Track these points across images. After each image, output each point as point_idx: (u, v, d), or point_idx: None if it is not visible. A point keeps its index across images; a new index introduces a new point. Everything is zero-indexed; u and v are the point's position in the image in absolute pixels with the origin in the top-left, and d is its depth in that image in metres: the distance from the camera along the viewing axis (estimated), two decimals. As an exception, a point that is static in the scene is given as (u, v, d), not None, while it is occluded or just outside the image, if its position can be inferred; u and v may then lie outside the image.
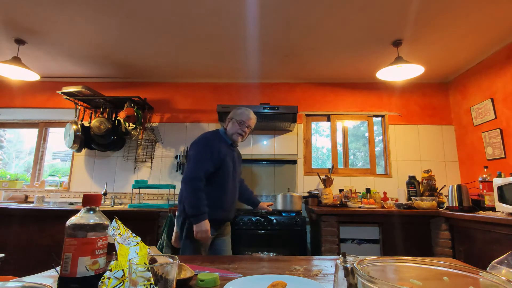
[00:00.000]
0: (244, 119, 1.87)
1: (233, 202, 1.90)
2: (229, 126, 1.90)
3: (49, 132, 3.72)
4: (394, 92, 3.50)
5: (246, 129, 1.87)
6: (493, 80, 2.79)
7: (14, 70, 2.72)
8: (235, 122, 1.88)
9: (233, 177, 1.86)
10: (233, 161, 1.88)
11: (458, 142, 3.33)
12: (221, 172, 1.79)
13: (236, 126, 1.87)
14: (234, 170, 1.87)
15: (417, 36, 2.54)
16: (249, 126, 1.88)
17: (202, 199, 1.71)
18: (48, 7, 2.23)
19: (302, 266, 0.82)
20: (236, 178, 1.93)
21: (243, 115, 1.89)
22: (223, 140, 1.88)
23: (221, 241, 1.92)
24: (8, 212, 2.65)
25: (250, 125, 1.88)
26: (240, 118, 1.88)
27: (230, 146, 1.91)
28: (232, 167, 1.85)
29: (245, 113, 1.90)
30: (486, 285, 0.39)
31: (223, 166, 1.79)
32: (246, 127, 1.86)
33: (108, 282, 0.53)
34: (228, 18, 2.33)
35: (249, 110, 1.94)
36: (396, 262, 0.47)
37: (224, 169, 1.80)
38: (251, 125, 1.89)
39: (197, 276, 0.68)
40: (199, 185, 1.72)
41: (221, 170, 1.79)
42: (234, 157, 1.91)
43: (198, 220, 1.67)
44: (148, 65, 3.26)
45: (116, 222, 0.61)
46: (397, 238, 2.50)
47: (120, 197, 3.37)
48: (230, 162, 1.85)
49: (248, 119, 1.88)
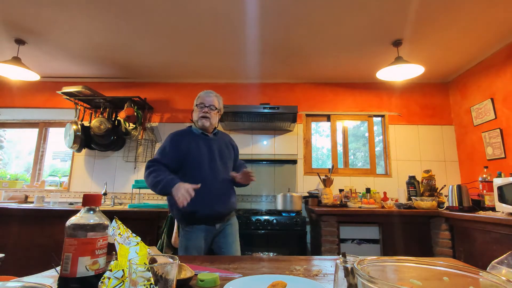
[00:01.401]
0: (197, 102, 1.81)
1: (217, 194, 1.70)
2: (193, 117, 1.84)
3: (49, 132, 3.72)
4: (394, 92, 3.50)
5: (205, 109, 1.75)
6: (493, 80, 2.79)
7: (14, 70, 2.72)
8: (194, 109, 1.82)
9: (210, 166, 1.71)
10: (209, 150, 1.76)
11: (458, 142, 3.33)
12: (189, 164, 1.69)
13: (196, 111, 1.80)
14: (211, 159, 1.74)
15: (417, 36, 2.54)
16: (202, 104, 1.76)
17: (157, 172, 1.60)
18: (48, 7, 2.23)
19: (302, 266, 0.82)
20: (218, 168, 1.75)
21: (196, 99, 1.84)
22: (189, 133, 1.80)
23: (221, 242, 1.76)
24: (8, 212, 2.65)
25: (203, 102, 1.76)
26: (195, 103, 1.83)
27: (203, 136, 1.80)
28: (207, 156, 1.73)
29: (198, 96, 1.84)
30: (486, 285, 0.39)
31: (188, 157, 1.70)
32: (201, 107, 1.76)
33: (108, 282, 0.53)
34: (228, 18, 2.33)
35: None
36: (396, 262, 0.47)
37: (191, 159, 1.70)
38: (204, 102, 1.76)
39: (197, 276, 0.68)
40: (149, 166, 1.65)
41: (188, 161, 1.70)
42: (211, 145, 1.78)
43: (168, 187, 1.53)
44: (148, 65, 3.26)
45: (116, 222, 0.61)
46: (397, 238, 2.50)
47: (120, 197, 3.37)
48: (203, 151, 1.73)
49: (198, 99, 1.81)
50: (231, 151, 1.91)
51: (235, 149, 1.98)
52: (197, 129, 1.82)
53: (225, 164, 1.82)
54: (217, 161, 1.76)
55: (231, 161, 1.89)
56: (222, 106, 1.90)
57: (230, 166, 1.86)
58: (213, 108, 1.79)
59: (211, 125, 1.79)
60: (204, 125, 1.76)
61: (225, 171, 1.80)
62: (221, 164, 1.77)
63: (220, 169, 1.76)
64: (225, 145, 1.87)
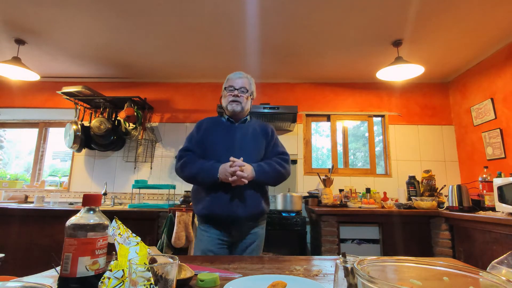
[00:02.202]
0: (225, 85, 1.63)
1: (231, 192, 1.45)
2: (222, 102, 1.66)
3: (49, 132, 3.72)
4: (394, 92, 3.50)
5: (236, 92, 1.56)
6: (493, 80, 2.79)
7: (14, 70, 2.72)
8: (223, 94, 1.64)
9: (227, 157, 1.45)
10: (230, 139, 1.54)
11: (458, 142, 3.33)
12: (207, 153, 1.53)
13: (224, 96, 1.62)
14: (228, 148, 1.50)
15: (417, 36, 2.54)
16: (231, 87, 1.58)
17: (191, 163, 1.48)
18: (48, 7, 2.23)
19: (302, 266, 0.82)
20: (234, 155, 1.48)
21: (225, 82, 1.66)
22: (215, 120, 1.65)
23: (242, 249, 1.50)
24: (8, 212, 2.65)
25: (232, 85, 1.58)
26: (223, 87, 1.66)
27: (228, 123, 1.62)
28: (223, 145, 1.52)
29: (227, 78, 1.67)
30: (486, 285, 0.39)
31: (204, 145, 1.54)
32: (230, 90, 1.58)
33: (108, 282, 0.53)
34: (228, 18, 2.33)
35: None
36: (396, 262, 0.47)
37: (208, 147, 1.53)
38: (234, 85, 1.58)
39: (197, 276, 0.68)
40: (180, 157, 1.53)
41: (205, 150, 1.54)
42: (234, 134, 1.56)
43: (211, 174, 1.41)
44: (148, 65, 3.26)
45: (116, 222, 0.61)
46: (397, 238, 2.50)
47: (120, 197, 3.37)
48: (219, 139, 1.54)
49: (227, 81, 1.63)
50: (259, 141, 1.61)
51: (270, 137, 1.65)
52: (224, 116, 1.65)
53: (249, 155, 1.52)
54: (235, 151, 1.50)
55: (258, 152, 1.59)
56: (254, 89, 1.69)
57: (254, 158, 1.55)
58: (244, 91, 1.58)
59: (242, 111, 1.58)
60: (235, 110, 1.56)
61: (250, 159, 1.51)
62: (241, 155, 1.48)
63: (246, 157, 1.49)
64: (252, 133, 1.61)
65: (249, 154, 1.52)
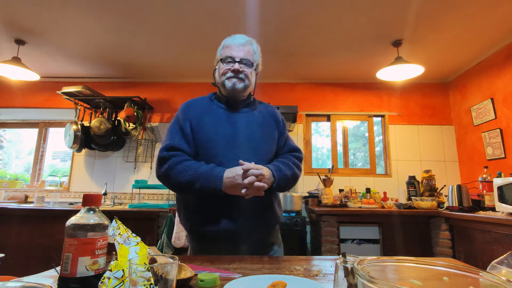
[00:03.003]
0: (221, 55, 1.19)
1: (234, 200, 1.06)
2: (215, 77, 1.22)
3: (49, 132, 3.72)
4: (394, 92, 3.50)
5: (236, 65, 1.14)
6: (493, 80, 2.79)
7: (14, 70, 2.72)
8: (218, 66, 1.21)
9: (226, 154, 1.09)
10: (230, 129, 1.14)
11: (458, 142, 3.33)
12: (199, 149, 1.13)
13: (220, 69, 1.18)
14: (229, 143, 1.12)
15: (417, 36, 2.54)
16: (230, 59, 1.15)
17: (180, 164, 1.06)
18: (48, 7, 2.23)
19: (302, 266, 0.82)
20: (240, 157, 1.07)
21: (219, 49, 1.23)
22: (204, 102, 1.22)
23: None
24: (8, 212, 2.65)
25: (232, 55, 1.15)
26: (218, 56, 1.22)
27: (226, 107, 1.21)
28: (222, 139, 1.12)
29: (222, 44, 1.24)
30: (486, 285, 0.39)
31: (196, 139, 1.13)
32: (229, 62, 1.15)
33: (108, 282, 0.53)
34: (228, 18, 2.33)
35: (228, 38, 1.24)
36: (396, 262, 0.47)
37: (200, 142, 1.12)
38: (233, 56, 1.15)
39: (197, 276, 0.68)
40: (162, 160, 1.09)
41: (198, 145, 1.13)
42: (235, 122, 1.16)
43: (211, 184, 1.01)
44: (148, 65, 3.26)
45: (116, 222, 0.61)
46: (397, 238, 2.50)
47: (120, 197, 3.37)
48: (217, 131, 1.13)
49: (224, 50, 1.19)
50: (271, 132, 1.22)
51: (281, 126, 1.26)
52: (218, 99, 1.23)
53: (256, 150, 1.14)
54: (241, 148, 1.12)
55: (270, 147, 1.19)
56: (260, 59, 1.26)
57: (265, 154, 1.17)
58: (248, 64, 1.16)
59: (245, 90, 1.18)
60: (236, 87, 1.14)
61: (259, 153, 1.14)
62: (248, 151, 1.12)
63: (253, 152, 1.13)
64: (261, 121, 1.21)
65: (259, 151, 1.15)
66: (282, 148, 1.25)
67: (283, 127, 1.27)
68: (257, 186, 1.00)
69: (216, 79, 1.22)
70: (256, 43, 1.27)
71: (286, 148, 1.25)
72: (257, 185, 1.00)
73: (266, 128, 1.21)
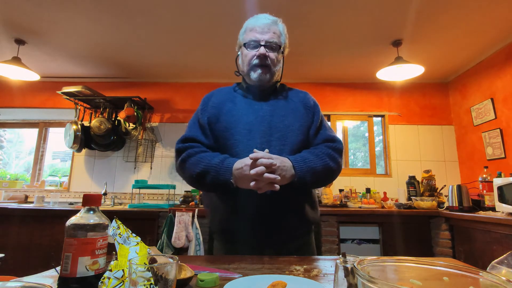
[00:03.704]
0: (244, 39, 1.08)
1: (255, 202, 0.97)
2: (239, 65, 1.15)
3: (49, 132, 3.72)
4: (394, 92, 3.50)
5: (262, 50, 1.02)
6: (493, 80, 2.79)
7: (14, 70, 2.72)
8: (241, 51, 1.12)
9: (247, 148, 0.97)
10: (257, 117, 1.04)
11: (458, 142, 3.33)
12: (220, 143, 1.05)
13: (244, 55, 1.08)
14: (255, 132, 1.02)
15: (417, 36, 2.54)
16: (255, 42, 1.04)
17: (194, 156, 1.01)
18: (48, 7, 2.23)
19: (302, 266, 0.82)
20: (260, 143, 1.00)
21: (242, 32, 1.12)
22: (227, 92, 1.17)
23: None
24: (8, 212, 2.65)
25: (257, 39, 1.04)
26: (240, 41, 1.13)
27: (250, 97, 1.11)
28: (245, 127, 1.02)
29: (244, 27, 1.12)
30: (486, 285, 0.39)
31: (215, 129, 1.05)
32: (254, 47, 1.04)
33: (108, 282, 0.53)
34: (228, 18, 2.33)
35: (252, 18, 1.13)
36: (396, 262, 0.47)
37: (219, 135, 1.04)
38: (258, 39, 1.04)
39: (197, 276, 0.68)
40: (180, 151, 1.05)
41: (217, 138, 1.05)
42: (257, 112, 1.06)
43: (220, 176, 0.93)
44: (148, 65, 3.26)
45: (116, 222, 0.61)
46: (397, 238, 2.50)
47: (120, 197, 3.37)
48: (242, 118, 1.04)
49: (247, 33, 1.09)
50: (298, 119, 1.08)
51: (311, 114, 1.11)
52: (243, 88, 1.15)
53: (280, 140, 1.02)
54: (257, 136, 1.02)
55: (295, 136, 1.05)
56: (287, 40, 1.14)
57: (291, 145, 1.03)
58: (274, 48, 1.05)
59: (271, 78, 1.08)
60: (262, 80, 1.05)
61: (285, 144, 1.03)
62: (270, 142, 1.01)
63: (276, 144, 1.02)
64: (288, 108, 1.10)
65: (284, 142, 1.02)
66: (315, 138, 1.09)
67: (315, 115, 1.12)
68: (266, 178, 0.87)
69: (239, 66, 1.14)
70: (281, 22, 1.13)
71: (319, 138, 1.08)
72: (266, 177, 0.86)
73: (294, 117, 1.07)
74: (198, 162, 0.98)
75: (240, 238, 1.00)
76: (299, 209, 1.02)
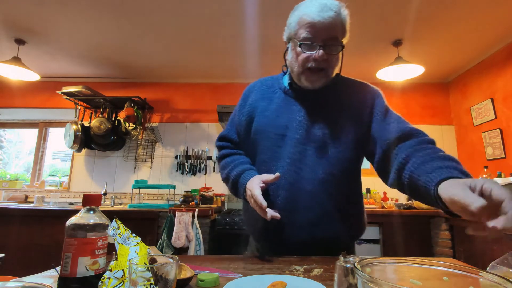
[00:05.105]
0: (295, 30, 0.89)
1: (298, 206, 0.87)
2: (288, 62, 0.98)
3: (49, 132, 3.72)
4: (394, 92, 3.50)
5: (321, 53, 0.84)
6: (493, 80, 2.79)
7: (14, 70, 2.72)
8: (291, 46, 0.95)
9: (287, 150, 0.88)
10: (292, 119, 0.91)
11: (458, 142, 3.33)
12: (255, 144, 0.94)
13: (296, 53, 0.90)
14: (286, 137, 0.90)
15: (417, 36, 2.54)
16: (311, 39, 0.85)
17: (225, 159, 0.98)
18: (48, 7, 2.23)
19: (302, 266, 0.81)
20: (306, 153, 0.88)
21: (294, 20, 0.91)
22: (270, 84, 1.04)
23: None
24: (8, 212, 2.65)
25: (313, 34, 0.84)
26: (291, 32, 0.93)
27: (292, 94, 0.96)
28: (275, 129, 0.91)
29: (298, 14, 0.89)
30: (486, 285, 0.39)
31: (251, 131, 0.95)
32: (310, 47, 0.85)
33: (108, 282, 0.53)
34: (228, 18, 2.33)
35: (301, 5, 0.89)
36: (396, 262, 0.47)
37: (255, 135, 0.94)
38: (315, 35, 0.85)
39: (197, 276, 0.68)
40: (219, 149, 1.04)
41: (252, 138, 0.95)
42: (300, 110, 0.92)
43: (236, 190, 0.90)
44: (148, 65, 3.26)
45: (116, 222, 0.61)
46: (397, 238, 2.50)
47: (120, 197, 3.37)
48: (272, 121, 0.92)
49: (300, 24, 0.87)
50: (348, 119, 0.92)
51: (368, 110, 0.95)
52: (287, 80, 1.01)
53: (334, 142, 0.89)
54: (290, 143, 0.89)
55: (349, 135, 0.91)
56: (348, 27, 0.99)
57: (335, 154, 0.89)
58: (334, 47, 0.90)
59: (327, 81, 0.93)
60: (316, 86, 0.90)
61: (324, 158, 0.88)
62: (305, 151, 0.88)
63: (311, 155, 0.88)
64: (337, 107, 0.94)
65: (335, 142, 0.88)
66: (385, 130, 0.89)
67: (376, 107, 0.94)
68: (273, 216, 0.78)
69: (288, 61, 0.97)
70: (344, 8, 0.94)
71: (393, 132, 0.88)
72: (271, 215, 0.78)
73: (343, 117, 0.91)
74: (224, 168, 0.96)
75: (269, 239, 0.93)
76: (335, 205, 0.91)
